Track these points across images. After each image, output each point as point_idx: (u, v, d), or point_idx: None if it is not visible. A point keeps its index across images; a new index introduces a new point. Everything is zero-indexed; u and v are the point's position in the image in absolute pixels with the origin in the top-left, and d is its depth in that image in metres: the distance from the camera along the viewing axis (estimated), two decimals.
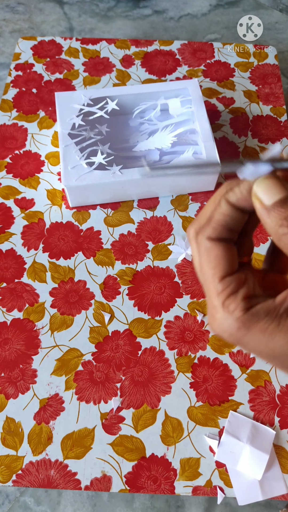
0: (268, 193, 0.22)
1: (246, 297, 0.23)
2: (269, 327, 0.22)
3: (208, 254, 0.24)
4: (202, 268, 0.25)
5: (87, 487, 0.48)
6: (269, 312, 0.23)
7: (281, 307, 0.23)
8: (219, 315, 0.23)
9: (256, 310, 0.23)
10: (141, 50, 0.81)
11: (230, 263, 0.24)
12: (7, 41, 0.83)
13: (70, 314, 0.57)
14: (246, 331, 0.23)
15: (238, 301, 0.23)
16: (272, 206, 0.22)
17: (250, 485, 0.48)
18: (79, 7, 0.90)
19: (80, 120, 0.64)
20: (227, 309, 0.23)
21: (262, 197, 0.22)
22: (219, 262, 0.24)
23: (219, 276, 0.24)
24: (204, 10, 0.92)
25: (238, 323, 0.23)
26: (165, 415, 0.51)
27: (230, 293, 0.23)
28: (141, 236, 0.63)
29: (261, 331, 0.22)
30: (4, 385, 0.52)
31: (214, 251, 0.24)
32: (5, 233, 0.62)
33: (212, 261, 0.24)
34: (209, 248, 0.24)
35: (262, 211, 0.22)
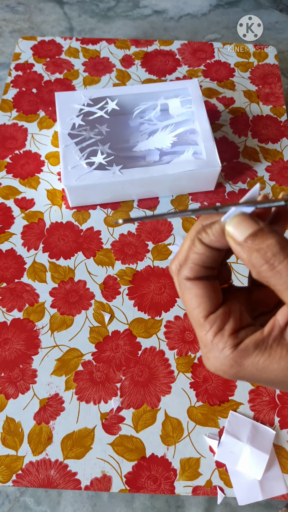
0: (239, 229, 0.22)
1: (233, 332, 0.23)
2: (260, 361, 0.22)
3: (189, 293, 0.24)
4: (186, 307, 0.25)
5: (87, 487, 0.48)
6: (258, 345, 0.22)
7: (270, 338, 0.22)
8: (210, 354, 0.24)
9: (245, 345, 0.23)
10: (141, 50, 0.81)
11: (213, 300, 0.24)
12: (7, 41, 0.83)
13: (70, 314, 0.57)
14: (239, 367, 0.23)
15: (225, 339, 0.23)
16: (244, 241, 0.22)
17: (250, 485, 0.48)
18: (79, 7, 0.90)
19: (80, 120, 0.64)
20: (217, 347, 0.23)
21: (234, 234, 0.22)
22: (201, 301, 0.24)
23: (203, 316, 0.24)
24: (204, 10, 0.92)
25: (229, 361, 0.23)
26: (165, 415, 0.51)
27: (216, 331, 0.23)
28: (141, 236, 0.63)
29: (253, 366, 0.23)
30: (4, 385, 0.52)
31: (194, 291, 0.24)
32: (5, 233, 0.62)
33: (194, 301, 0.24)
34: (189, 288, 0.24)
35: (236, 247, 0.22)
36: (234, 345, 0.23)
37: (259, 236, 0.22)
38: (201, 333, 0.24)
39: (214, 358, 0.23)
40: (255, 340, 0.23)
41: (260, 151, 0.71)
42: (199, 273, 0.24)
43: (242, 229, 0.22)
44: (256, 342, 0.23)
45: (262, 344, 0.22)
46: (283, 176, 0.68)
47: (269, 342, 0.22)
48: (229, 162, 0.69)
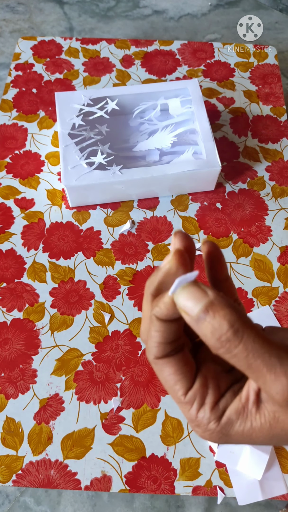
0: (190, 303, 0.21)
1: (214, 405, 0.23)
2: (244, 429, 0.23)
3: (161, 373, 0.23)
4: (164, 386, 0.24)
5: (87, 487, 0.48)
6: (239, 414, 0.23)
7: (248, 404, 0.23)
8: (197, 428, 0.24)
9: (227, 417, 0.23)
10: (141, 50, 0.81)
11: (187, 374, 0.23)
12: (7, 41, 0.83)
13: (70, 314, 0.57)
14: (226, 437, 0.23)
15: (208, 414, 0.23)
16: (197, 318, 0.20)
17: (250, 485, 0.48)
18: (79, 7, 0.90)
19: (80, 120, 0.64)
20: (202, 423, 0.23)
21: (186, 309, 0.21)
22: (176, 379, 0.23)
23: (182, 394, 0.23)
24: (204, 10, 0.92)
25: (216, 434, 0.23)
26: (165, 415, 0.51)
27: (198, 408, 0.23)
28: (141, 236, 0.63)
29: (239, 435, 0.23)
30: (4, 385, 0.52)
31: (167, 369, 0.23)
32: (5, 233, 0.62)
33: (169, 380, 0.23)
34: (160, 368, 0.23)
35: (192, 322, 0.21)
36: (217, 418, 0.23)
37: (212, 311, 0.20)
38: (184, 409, 0.24)
39: (203, 432, 0.23)
40: (235, 409, 0.23)
41: (260, 151, 0.71)
42: (165, 350, 0.23)
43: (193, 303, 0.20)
44: (237, 411, 0.23)
45: (243, 412, 0.23)
46: (283, 176, 0.68)
47: (249, 408, 0.23)
48: (229, 162, 0.70)
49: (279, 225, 0.64)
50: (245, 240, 0.63)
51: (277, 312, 0.58)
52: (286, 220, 0.65)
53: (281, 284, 0.60)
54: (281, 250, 0.62)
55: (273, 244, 0.63)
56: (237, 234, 0.63)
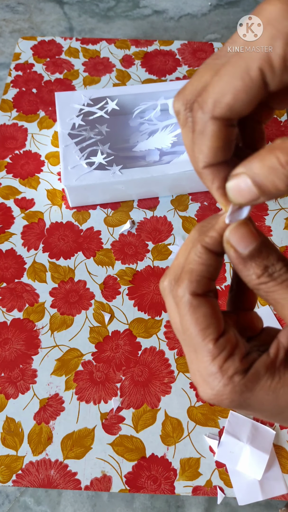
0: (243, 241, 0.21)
1: (243, 356, 0.21)
2: (272, 384, 0.21)
3: (194, 313, 0.21)
4: (188, 330, 0.22)
5: (87, 487, 0.48)
6: (268, 368, 0.21)
7: (277, 360, 0.21)
8: (217, 382, 0.21)
9: (255, 369, 0.21)
10: (141, 50, 0.81)
11: (220, 321, 0.22)
12: (7, 41, 0.83)
13: (70, 314, 0.57)
14: (250, 393, 0.21)
15: (236, 364, 0.21)
16: (248, 256, 0.20)
17: (250, 485, 0.48)
18: (79, 7, 0.90)
19: (80, 120, 0.64)
20: (226, 374, 0.21)
21: (237, 246, 0.21)
22: (209, 322, 0.21)
23: (212, 339, 0.21)
24: (204, 10, 0.91)
25: (240, 387, 0.21)
26: (165, 415, 0.51)
27: (226, 357, 0.21)
28: (141, 236, 0.63)
29: (264, 390, 0.21)
30: (4, 385, 0.52)
31: (201, 310, 0.21)
32: (5, 233, 0.62)
33: (201, 322, 0.21)
34: (196, 306, 0.21)
35: (238, 260, 0.21)
36: (244, 370, 0.21)
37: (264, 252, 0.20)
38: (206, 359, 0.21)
39: (223, 386, 0.21)
40: (264, 363, 0.21)
41: None
42: (207, 287, 0.22)
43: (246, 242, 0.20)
44: (266, 366, 0.21)
45: (271, 367, 0.21)
46: None
47: (277, 364, 0.21)
48: None
49: (279, 225, 0.64)
50: None
51: (277, 312, 0.58)
52: (286, 220, 0.65)
53: None
54: (281, 250, 0.62)
55: None
56: None
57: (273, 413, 0.22)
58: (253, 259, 0.21)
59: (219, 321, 0.22)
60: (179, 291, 0.22)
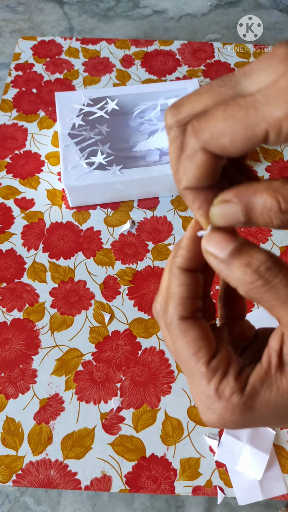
0: (219, 245, 0.20)
1: (237, 374, 0.21)
2: (271, 396, 0.20)
3: (184, 337, 0.21)
4: (181, 355, 0.21)
5: (87, 487, 0.48)
6: (263, 380, 0.20)
7: (271, 368, 0.20)
8: (215, 405, 0.20)
9: (251, 385, 0.20)
10: (141, 50, 0.81)
11: (211, 342, 0.21)
12: (7, 41, 0.83)
13: (70, 314, 0.57)
14: (252, 412, 0.20)
15: (232, 384, 0.20)
16: (229, 257, 0.19)
17: (250, 485, 0.48)
18: (79, 7, 0.90)
19: (80, 120, 0.64)
20: (224, 396, 0.20)
21: (215, 252, 0.20)
22: (200, 345, 0.21)
23: (204, 362, 0.21)
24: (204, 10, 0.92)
25: (240, 407, 0.20)
26: (165, 415, 0.51)
27: (221, 378, 0.20)
28: (141, 236, 0.63)
29: (265, 405, 0.20)
30: (4, 385, 0.52)
31: (191, 333, 0.21)
32: (5, 233, 0.62)
33: (192, 346, 0.21)
34: (185, 330, 0.21)
35: (220, 265, 0.20)
36: (241, 388, 0.20)
37: (245, 251, 0.19)
38: (202, 383, 0.21)
39: (223, 409, 0.20)
40: (258, 375, 0.20)
41: (260, 151, 0.71)
42: (192, 307, 0.22)
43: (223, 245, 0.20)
44: (261, 378, 0.20)
45: (266, 377, 0.20)
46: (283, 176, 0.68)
47: (272, 372, 0.20)
48: None
49: None
50: None
51: (272, 315, 0.58)
52: None
53: None
54: (281, 250, 0.62)
55: (273, 244, 0.63)
56: None
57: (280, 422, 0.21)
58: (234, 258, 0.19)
59: (210, 342, 0.21)
60: (167, 317, 0.22)
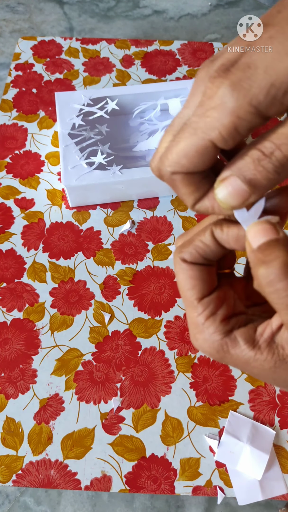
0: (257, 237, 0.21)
1: (225, 318, 0.23)
2: (247, 355, 0.22)
3: (183, 274, 0.24)
4: (180, 287, 0.24)
5: (87, 487, 0.48)
6: (248, 340, 0.23)
7: (261, 338, 0.23)
8: (199, 335, 0.24)
9: (235, 335, 0.23)
10: (141, 50, 0.81)
11: (207, 283, 0.24)
12: (7, 41, 0.83)
13: (70, 314, 0.57)
14: (225, 354, 0.23)
15: (217, 323, 0.23)
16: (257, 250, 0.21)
17: (250, 485, 0.48)
18: (79, 7, 0.90)
19: (80, 120, 0.64)
20: (207, 330, 0.23)
21: (250, 241, 0.21)
22: (195, 283, 0.23)
23: (196, 298, 0.23)
24: (204, 10, 0.92)
25: (217, 346, 0.23)
26: (165, 415, 0.51)
27: (208, 315, 0.23)
28: (141, 236, 0.63)
29: (239, 357, 0.23)
30: (4, 385, 0.52)
31: (189, 272, 0.23)
32: (5, 233, 0.62)
33: (188, 282, 0.24)
34: (184, 269, 0.24)
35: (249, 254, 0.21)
36: (224, 332, 0.23)
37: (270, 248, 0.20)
38: (192, 314, 0.24)
39: (203, 340, 0.23)
40: (246, 334, 0.23)
41: None
42: (197, 260, 0.24)
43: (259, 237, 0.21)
44: (246, 338, 0.23)
45: (252, 341, 0.23)
46: None
47: (260, 341, 0.23)
48: None
49: None
50: None
51: None
52: None
53: None
54: None
55: None
56: None
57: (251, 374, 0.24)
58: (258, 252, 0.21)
59: (206, 284, 0.24)
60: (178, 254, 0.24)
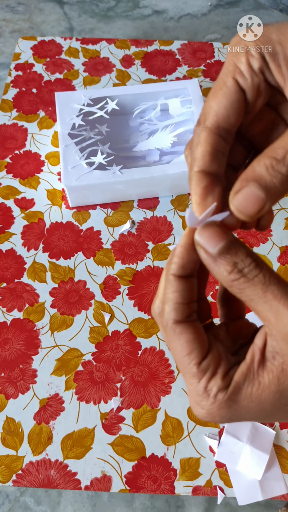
0: (211, 240, 0.21)
1: (225, 374, 0.23)
2: (253, 390, 0.22)
3: (178, 340, 0.23)
4: (175, 354, 0.23)
5: (87, 487, 0.48)
6: (246, 376, 0.22)
7: (254, 364, 0.22)
8: (204, 402, 0.23)
9: (235, 382, 0.22)
10: (141, 50, 0.81)
11: (203, 344, 0.23)
12: (7, 41, 0.83)
13: (70, 314, 0.57)
14: (236, 406, 0.22)
15: (219, 383, 0.22)
16: (218, 254, 0.21)
17: (250, 485, 0.48)
18: (79, 7, 0.90)
19: (80, 120, 0.64)
20: (212, 393, 0.22)
21: (206, 246, 0.22)
22: (192, 347, 0.23)
23: (196, 363, 0.23)
24: (204, 10, 0.92)
25: (225, 403, 0.22)
26: (165, 415, 0.51)
27: (210, 377, 0.22)
28: (141, 236, 0.63)
29: (247, 399, 0.22)
30: (4, 385, 0.52)
31: (184, 336, 0.23)
32: (5, 233, 0.62)
33: (185, 348, 0.23)
34: (179, 333, 0.23)
35: (208, 259, 0.22)
36: (227, 386, 0.22)
37: (232, 249, 0.21)
38: (193, 381, 0.23)
39: (210, 405, 0.22)
40: (241, 372, 0.22)
41: None
42: (185, 312, 0.23)
43: (214, 241, 0.21)
44: (243, 374, 0.22)
45: (249, 373, 0.22)
46: None
47: (255, 368, 0.22)
48: None
49: (279, 225, 0.64)
50: (245, 240, 0.63)
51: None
52: (286, 220, 0.65)
53: None
54: (281, 250, 0.62)
55: (273, 244, 0.63)
56: (237, 234, 0.63)
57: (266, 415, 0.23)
58: (222, 256, 0.21)
59: (201, 344, 0.23)
60: (163, 320, 0.23)
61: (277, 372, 0.21)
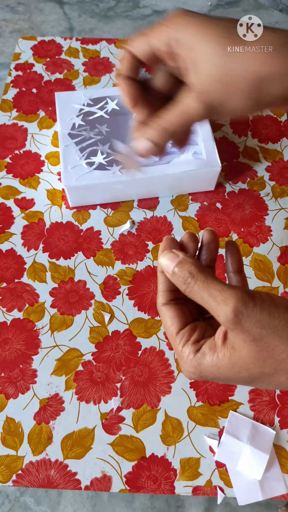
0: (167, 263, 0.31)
1: (196, 341, 0.31)
2: (213, 359, 0.30)
3: (164, 315, 0.33)
4: (164, 327, 0.33)
5: (87, 487, 0.48)
6: (211, 347, 0.30)
7: (219, 340, 0.30)
8: (181, 361, 0.31)
9: (202, 349, 0.30)
10: None
11: (182, 319, 0.32)
12: (7, 41, 0.83)
13: (70, 314, 0.57)
14: (200, 367, 0.30)
15: (190, 347, 0.31)
16: (172, 273, 0.31)
17: (250, 485, 0.48)
18: (79, 7, 0.90)
19: (80, 120, 0.64)
20: (185, 354, 0.31)
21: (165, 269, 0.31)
22: (173, 321, 0.32)
23: (175, 331, 0.32)
24: (204, 10, 0.91)
25: (193, 363, 0.30)
26: (165, 415, 0.51)
27: (184, 342, 0.31)
28: (141, 236, 0.63)
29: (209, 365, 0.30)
30: (4, 385, 0.52)
31: (168, 313, 0.33)
32: (5, 233, 0.62)
33: (168, 321, 0.33)
34: (165, 312, 0.33)
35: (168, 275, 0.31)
36: (196, 351, 0.31)
37: (180, 266, 0.30)
38: (174, 345, 0.32)
39: (184, 364, 0.31)
40: (208, 345, 0.30)
41: (260, 151, 0.71)
42: (168, 297, 0.33)
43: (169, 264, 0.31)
44: (209, 346, 0.30)
45: (213, 346, 0.30)
46: (283, 176, 0.68)
47: (218, 343, 0.30)
48: (229, 162, 0.70)
49: (279, 225, 0.64)
50: (245, 240, 0.63)
51: None
52: (286, 220, 0.65)
53: (281, 284, 0.60)
54: (281, 250, 0.62)
55: (273, 244, 0.63)
56: (237, 234, 0.63)
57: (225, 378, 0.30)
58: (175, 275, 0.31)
59: (181, 319, 0.32)
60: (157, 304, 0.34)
61: (229, 348, 0.29)
